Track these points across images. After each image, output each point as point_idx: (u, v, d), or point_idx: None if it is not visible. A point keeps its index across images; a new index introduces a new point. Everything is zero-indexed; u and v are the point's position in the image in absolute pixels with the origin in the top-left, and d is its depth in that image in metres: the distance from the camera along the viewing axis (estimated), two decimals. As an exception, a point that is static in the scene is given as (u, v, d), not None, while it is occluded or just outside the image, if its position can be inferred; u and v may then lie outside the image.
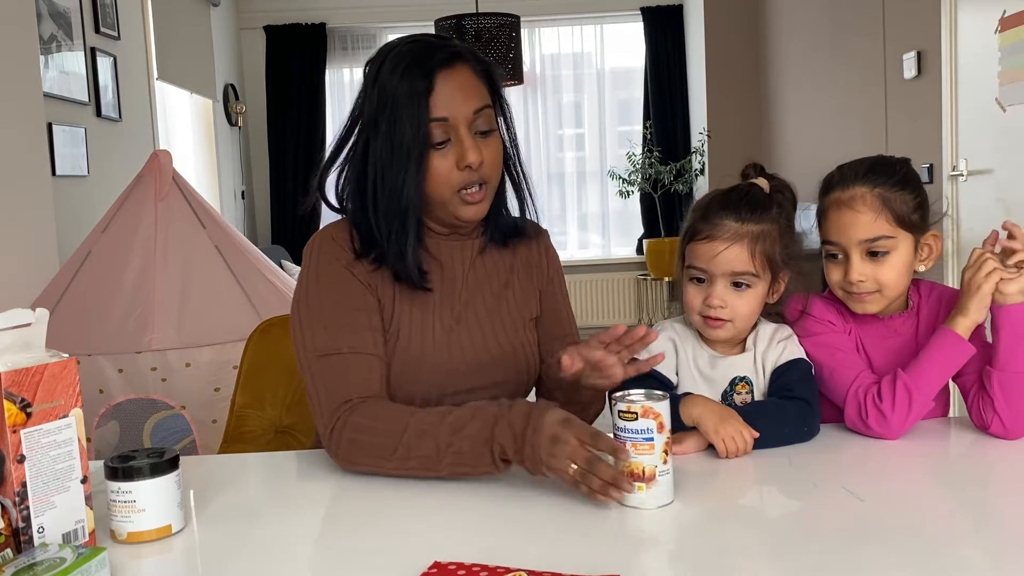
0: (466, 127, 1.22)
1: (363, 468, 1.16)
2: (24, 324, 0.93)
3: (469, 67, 1.25)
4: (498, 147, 1.28)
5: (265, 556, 0.94)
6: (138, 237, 2.56)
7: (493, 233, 1.36)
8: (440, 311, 1.30)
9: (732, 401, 1.29)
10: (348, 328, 1.22)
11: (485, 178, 1.25)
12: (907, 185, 1.29)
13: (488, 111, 1.25)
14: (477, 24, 4.57)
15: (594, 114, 6.75)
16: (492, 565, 0.85)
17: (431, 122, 1.20)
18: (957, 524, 0.97)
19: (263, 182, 6.63)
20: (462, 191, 1.24)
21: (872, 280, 1.28)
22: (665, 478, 1.01)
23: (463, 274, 1.33)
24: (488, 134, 1.25)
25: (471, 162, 1.21)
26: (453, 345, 1.29)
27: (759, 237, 1.24)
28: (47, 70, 3.63)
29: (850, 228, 1.28)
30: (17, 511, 0.89)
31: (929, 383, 1.23)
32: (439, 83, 1.21)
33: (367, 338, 1.23)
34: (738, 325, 1.28)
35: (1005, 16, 3.13)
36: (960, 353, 1.24)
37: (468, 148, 1.22)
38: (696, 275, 1.28)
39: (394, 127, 1.21)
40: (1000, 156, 3.25)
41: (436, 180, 1.23)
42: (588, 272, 6.60)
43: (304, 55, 6.49)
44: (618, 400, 1.02)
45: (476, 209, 1.27)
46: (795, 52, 5.32)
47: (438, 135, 1.21)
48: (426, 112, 1.20)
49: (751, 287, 1.26)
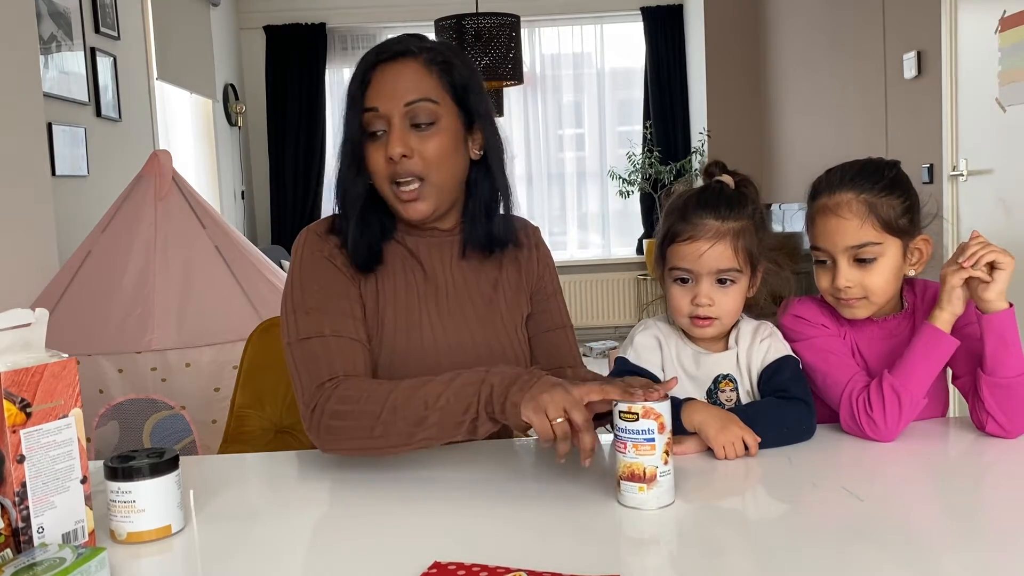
0: (400, 118, 1.24)
1: (345, 446, 1.15)
2: (24, 324, 0.93)
3: (417, 63, 1.26)
4: (441, 143, 1.26)
5: (265, 556, 0.94)
6: (138, 237, 2.56)
7: (469, 235, 1.34)
8: (426, 308, 1.31)
9: (717, 399, 1.30)
10: (330, 313, 1.23)
11: (419, 173, 1.25)
12: (895, 189, 1.28)
13: (429, 105, 1.25)
14: (477, 24, 4.57)
15: (594, 114, 6.75)
16: (492, 565, 0.85)
17: (365, 113, 1.25)
18: (956, 524, 0.97)
19: (263, 182, 6.63)
20: (396, 188, 1.25)
21: (859, 286, 1.28)
22: (666, 479, 1.01)
23: (444, 272, 1.34)
24: (426, 128, 1.25)
25: (392, 152, 1.23)
26: (440, 346, 1.29)
27: (740, 233, 1.25)
28: (47, 70, 3.63)
29: (836, 235, 1.28)
30: (17, 511, 0.89)
31: (916, 381, 1.23)
32: (376, 76, 1.26)
33: (349, 324, 1.24)
34: (724, 322, 1.29)
35: (1005, 16, 3.13)
36: (944, 347, 1.24)
37: (393, 139, 1.23)
38: (680, 276, 1.28)
39: (344, 120, 1.28)
40: (1000, 156, 3.25)
41: (374, 174, 1.27)
42: (588, 272, 6.61)
43: (304, 55, 6.48)
44: (619, 400, 1.02)
45: (413, 208, 1.26)
46: (795, 52, 5.32)
47: (371, 125, 1.25)
48: (362, 104, 1.25)
49: (735, 283, 1.27)
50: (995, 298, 1.21)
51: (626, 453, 1.01)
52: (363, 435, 1.12)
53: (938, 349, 1.24)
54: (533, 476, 1.17)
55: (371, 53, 1.28)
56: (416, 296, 1.31)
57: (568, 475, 1.15)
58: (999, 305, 1.21)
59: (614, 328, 6.59)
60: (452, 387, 1.10)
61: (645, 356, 1.31)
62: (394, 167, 1.24)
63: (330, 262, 1.27)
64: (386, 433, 1.11)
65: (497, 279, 1.37)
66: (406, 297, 1.31)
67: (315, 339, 1.21)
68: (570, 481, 1.13)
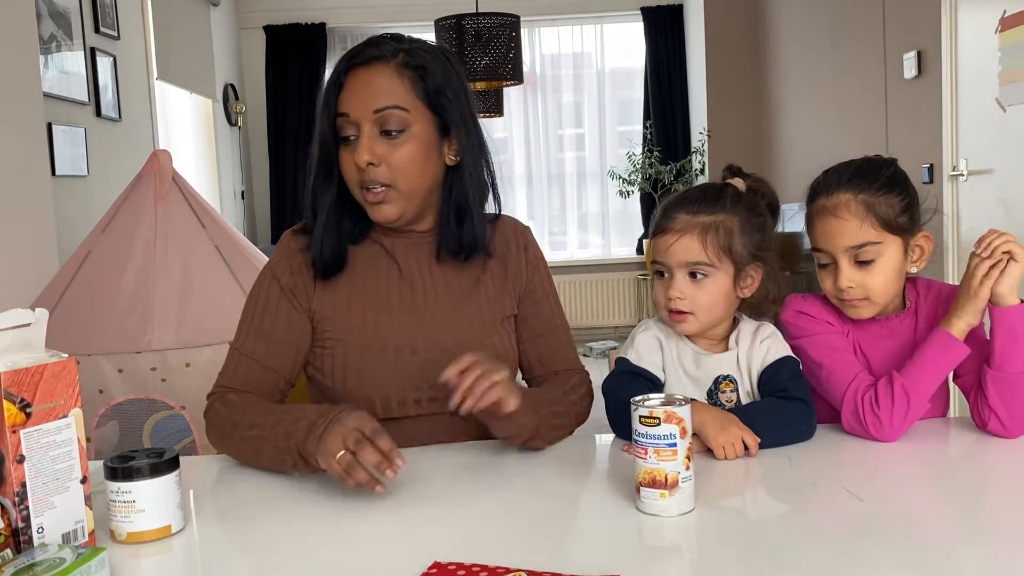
0: (369, 124, 1.24)
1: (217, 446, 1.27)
2: (24, 324, 0.93)
3: (389, 68, 1.25)
4: (410, 151, 1.26)
5: (265, 556, 0.94)
6: (138, 237, 2.56)
7: (442, 239, 1.34)
8: (400, 306, 1.31)
9: (718, 400, 1.30)
10: (256, 334, 1.32)
11: (387, 180, 1.25)
12: (893, 188, 1.28)
13: (398, 112, 1.24)
14: (477, 24, 4.57)
15: (594, 114, 6.75)
16: (492, 565, 0.84)
17: (337, 117, 1.26)
18: (956, 524, 0.97)
19: (263, 182, 6.63)
20: (364, 191, 1.27)
21: (861, 287, 1.28)
22: (687, 484, 0.99)
23: (421, 271, 1.34)
24: (395, 135, 1.25)
25: (358, 159, 1.24)
26: (417, 343, 1.30)
27: (710, 227, 1.25)
28: (47, 70, 3.63)
29: (836, 236, 1.28)
30: (17, 511, 0.88)
31: (925, 384, 1.23)
32: (348, 81, 1.26)
33: (262, 347, 1.31)
34: (701, 318, 1.28)
35: (1005, 16, 3.13)
36: (955, 354, 1.24)
37: (360, 146, 1.24)
38: (658, 269, 1.30)
39: (318, 122, 1.29)
40: (1000, 156, 3.25)
41: (345, 178, 1.28)
42: (588, 272, 6.61)
43: (304, 55, 6.49)
44: (639, 405, 1.00)
45: (380, 211, 1.27)
46: (795, 52, 5.32)
47: (342, 130, 1.26)
48: (334, 108, 1.26)
49: (708, 277, 1.26)
50: (1007, 292, 1.21)
51: (647, 458, 0.98)
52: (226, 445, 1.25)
53: (949, 355, 1.24)
54: (533, 476, 1.17)
55: (346, 56, 1.28)
56: (390, 295, 1.32)
57: (567, 474, 1.15)
58: (1011, 300, 1.21)
59: (614, 328, 6.59)
60: (274, 436, 1.15)
61: (646, 357, 1.31)
62: (362, 174, 1.25)
63: (279, 283, 1.33)
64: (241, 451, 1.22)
65: (480, 277, 1.36)
66: (381, 296, 1.32)
67: (236, 352, 1.33)
68: (569, 480, 1.13)
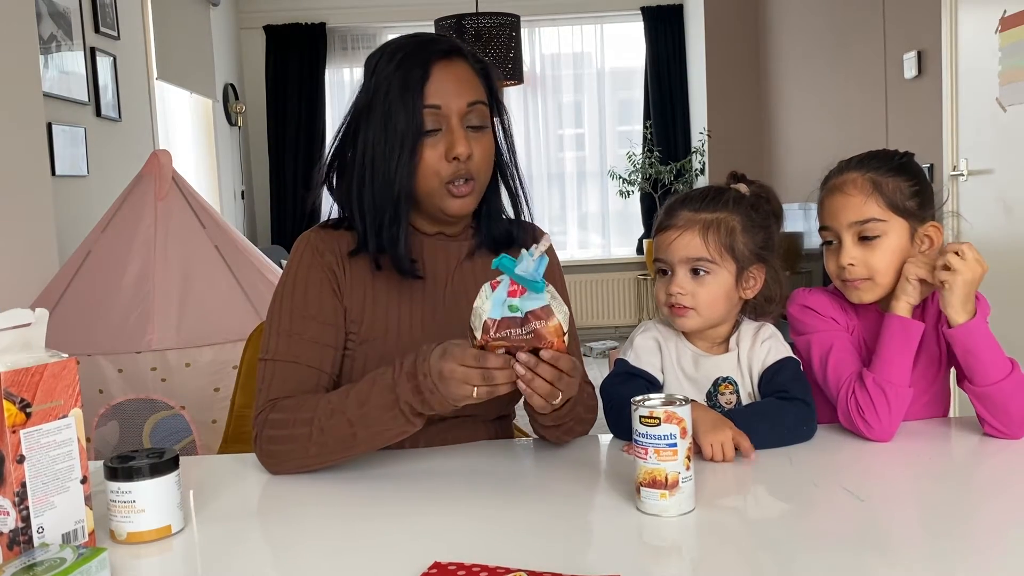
0: (458, 118, 1.23)
1: (288, 468, 1.17)
2: (24, 324, 0.93)
3: (466, 62, 1.27)
4: (489, 145, 1.28)
5: (265, 556, 0.94)
6: (138, 237, 2.56)
7: (484, 238, 1.35)
8: (422, 310, 1.30)
9: (717, 402, 1.30)
10: (296, 338, 1.23)
11: (473, 173, 1.25)
12: (903, 172, 1.29)
13: (482, 107, 1.26)
14: (477, 24, 4.57)
15: (594, 114, 6.75)
16: (492, 565, 0.84)
17: (424, 109, 1.21)
18: (957, 524, 0.97)
19: (263, 182, 6.63)
20: (449, 183, 1.24)
21: (863, 265, 1.28)
22: (688, 484, 0.99)
23: (447, 275, 1.33)
24: (480, 130, 1.26)
25: (459, 153, 1.22)
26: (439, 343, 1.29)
27: (712, 224, 1.27)
28: (47, 70, 3.63)
29: (840, 211, 1.29)
30: (17, 511, 0.88)
31: (896, 372, 1.23)
32: (435, 72, 1.22)
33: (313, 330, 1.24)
34: (703, 314, 1.29)
35: (1005, 16, 3.13)
36: (913, 333, 1.25)
37: (458, 139, 1.22)
38: (660, 267, 1.31)
39: (389, 114, 1.22)
40: (1000, 156, 3.24)
41: (425, 169, 1.23)
42: (588, 272, 6.61)
43: (304, 55, 6.49)
44: (639, 405, 1.00)
45: (462, 203, 1.26)
46: (795, 52, 5.32)
47: (430, 123, 1.22)
48: (420, 99, 1.21)
49: (710, 274, 1.27)
50: (951, 312, 1.21)
51: (647, 459, 0.98)
52: (301, 455, 1.16)
53: (907, 334, 1.24)
54: (533, 476, 1.17)
55: (419, 45, 1.24)
56: (413, 297, 1.30)
57: (566, 475, 1.15)
58: (956, 319, 1.21)
59: (614, 328, 6.59)
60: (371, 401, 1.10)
61: (645, 358, 1.31)
62: (456, 166, 1.23)
63: (317, 275, 1.26)
64: (321, 453, 1.15)
65: None
66: (405, 297, 1.30)
67: (277, 362, 1.23)
68: (569, 480, 1.13)
